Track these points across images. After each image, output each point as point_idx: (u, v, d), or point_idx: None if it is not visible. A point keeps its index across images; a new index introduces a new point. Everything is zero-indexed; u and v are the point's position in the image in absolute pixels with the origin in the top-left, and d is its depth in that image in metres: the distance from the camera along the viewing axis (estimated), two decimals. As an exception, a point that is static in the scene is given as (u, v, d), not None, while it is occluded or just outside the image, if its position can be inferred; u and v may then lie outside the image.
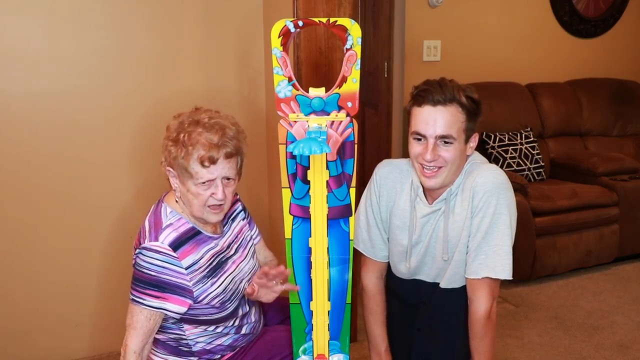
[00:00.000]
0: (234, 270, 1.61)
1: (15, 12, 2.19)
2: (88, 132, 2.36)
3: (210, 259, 1.55)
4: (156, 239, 1.47)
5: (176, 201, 1.54)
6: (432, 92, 1.52)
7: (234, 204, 1.69)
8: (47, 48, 2.26)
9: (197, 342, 1.60)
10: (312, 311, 1.60)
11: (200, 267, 1.51)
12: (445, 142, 1.53)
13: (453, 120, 1.52)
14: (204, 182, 1.47)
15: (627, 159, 3.72)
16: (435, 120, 1.52)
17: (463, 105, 1.52)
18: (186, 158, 1.44)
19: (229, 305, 1.58)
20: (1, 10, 2.18)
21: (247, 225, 1.73)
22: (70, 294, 2.44)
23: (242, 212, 1.73)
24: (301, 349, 1.64)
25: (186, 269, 1.48)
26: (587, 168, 3.62)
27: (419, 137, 1.55)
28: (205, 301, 1.52)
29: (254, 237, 1.74)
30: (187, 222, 1.53)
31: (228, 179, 1.51)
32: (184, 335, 1.58)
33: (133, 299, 1.48)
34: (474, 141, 1.60)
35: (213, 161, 1.45)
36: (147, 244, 1.47)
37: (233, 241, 1.65)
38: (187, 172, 1.46)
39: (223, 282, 1.56)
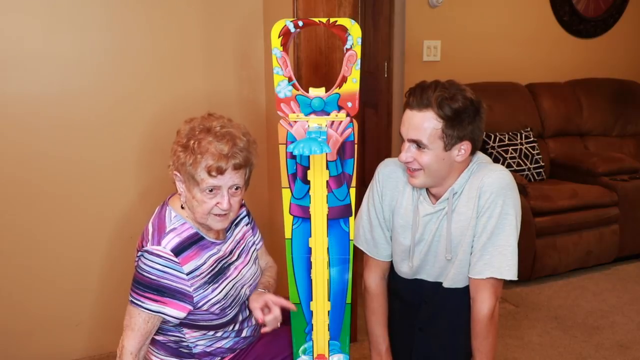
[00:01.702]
0: (236, 276, 1.60)
1: (15, 12, 2.19)
2: (88, 133, 2.36)
3: (213, 264, 1.54)
4: (159, 243, 1.46)
5: (182, 207, 1.54)
6: (412, 95, 1.54)
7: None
8: (46, 48, 2.26)
9: (197, 345, 1.59)
10: (312, 311, 1.60)
11: (202, 273, 1.51)
12: (418, 146, 1.54)
13: (425, 126, 1.51)
14: (210, 190, 1.46)
15: (627, 159, 3.72)
16: (409, 123, 1.54)
17: (438, 113, 1.50)
18: (194, 165, 1.43)
19: (229, 312, 1.57)
20: (1, 10, 2.18)
21: (251, 230, 1.72)
22: (70, 294, 2.44)
23: (246, 217, 1.72)
24: (301, 349, 1.64)
25: (187, 274, 1.47)
26: (587, 168, 3.62)
27: (402, 138, 1.59)
28: (205, 307, 1.51)
29: (256, 242, 1.73)
30: (191, 227, 1.52)
31: (236, 188, 1.50)
32: (184, 338, 1.57)
33: (132, 301, 1.48)
34: (463, 149, 1.56)
35: (221, 172, 1.44)
36: (149, 247, 1.46)
37: (235, 246, 1.64)
38: (194, 179, 1.45)
39: (224, 288, 1.55)
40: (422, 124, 1.52)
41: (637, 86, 4.30)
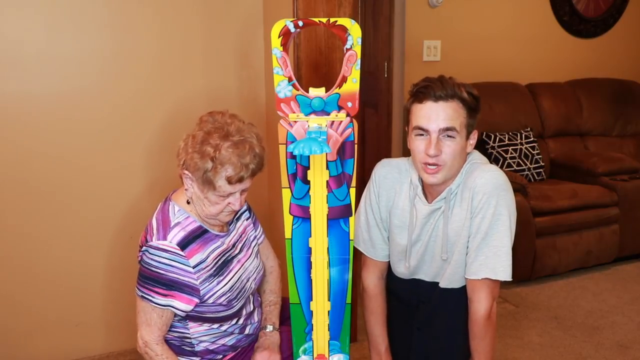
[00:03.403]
0: (239, 269, 1.62)
1: (17, 11, 2.19)
2: (89, 134, 2.36)
3: (217, 257, 1.56)
4: (164, 238, 1.48)
5: (187, 202, 1.55)
6: (433, 88, 1.53)
7: None
8: (48, 49, 2.26)
9: (201, 342, 1.60)
10: (312, 311, 1.60)
11: (207, 266, 1.52)
12: (449, 136, 1.53)
13: (455, 115, 1.53)
14: (225, 194, 1.49)
15: (627, 159, 3.72)
16: (437, 114, 1.52)
17: (464, 101, 1.53)
18: (214, 173, 1.45)
19: (235, 304, 1.59)
20: (1, 9, 2.18)
21: (252, 225, 1.74)
22: (70, 294, 2.44)
23: (247, 212, 1.74)
24: (301, 349, 1.64)
25: (194, 267, 1.49)
26: (587, 168, 3.62)
27: (422, 132, 1.55)
28: (211, 300, 1.53)
29: (257, 236, 1.75)
30: (195, 220, 1.54)
31: (245, 190, 1.53)
32: (188, 333, 1.58)
33: (143, 296, 1.49)
34: (473, 138, 1.60)
35: (241, 181, 1.48)
36: (154, 242, 1.48)
37: (238, 240, 1.66)
38: (211, 184, 1.47)
39: (229, 280, 1.57)
40: (453, 112, 1.52)
41: (637, 86, 4.30)
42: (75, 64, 2.31)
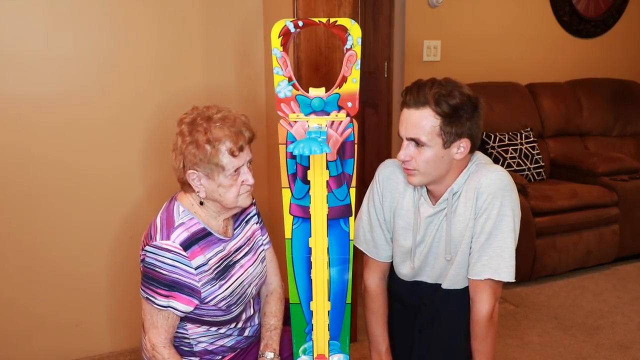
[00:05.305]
0: (242, 274, 1.61)
1: (16, 11, 2.19)
2: (90, 134, 2.36)
3: (217, 263, 1.55)
4: (168, 238, 1.47)
5: (201, 203, 1.54)
6: (408, 94, 1.53)
7: (248, 207, 1.69)
8: (48, 48, 2.26)
9: (200, 342, 1.60)
10: (312, 311, 1.60)
11: (209, 269, 1.52)
12: (417, 145, 1.53)
13: (423, 124, 1.51)
14: (234, 172, 1.49)
15: (627, 159, 3.72)
16: (407, 122, 1.53)
17: (436, 110, 1.50)
18: (215, 153, 1.46)
19: (234, 309, 1.58)
20: (1, 9, 2.18)
21: (260, 230, 1.73)
22: (70, 294, 2.44)
23: (256, 216, 1.73)
24: (301, 349, 1.64)
25: (195, 269, 1.49)
26: (587, 168, 3.62)
27: (400, 136, 1.58)
28: (212, 303, 1.53)
29: (264, 243, 1.74)
30: (199, 222, 1.53)
31: (249, 162, 1.54)
32: (187, 334, 1.58)
33: (147, 298, 1.49)
34: (462, 147, 1.55)
35: (242, 149, 1.49)
36: (158, 242, 1.47)
37: (244, 244, 1.65)
38: (218, 167, 1.47)
39: (231, 285, 1.56)
40: (420, 122, 1.51)
41: (637, 86, 4.30)
42: (75, 64, 2.31)
